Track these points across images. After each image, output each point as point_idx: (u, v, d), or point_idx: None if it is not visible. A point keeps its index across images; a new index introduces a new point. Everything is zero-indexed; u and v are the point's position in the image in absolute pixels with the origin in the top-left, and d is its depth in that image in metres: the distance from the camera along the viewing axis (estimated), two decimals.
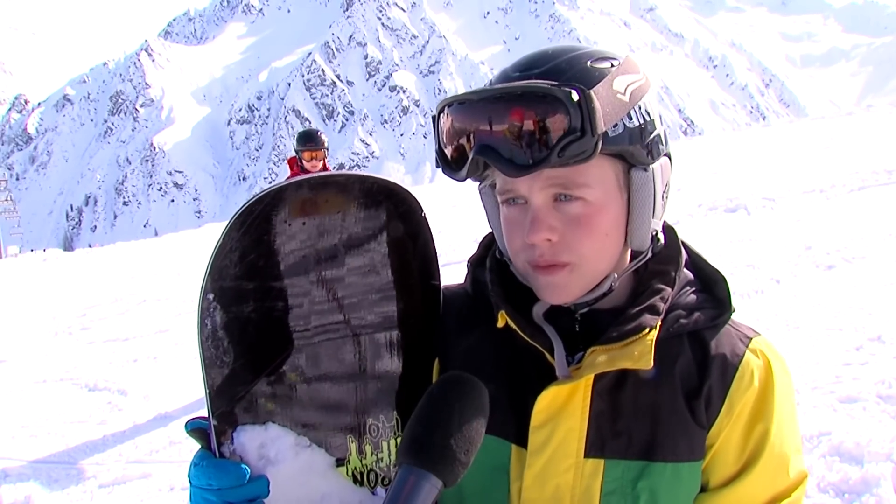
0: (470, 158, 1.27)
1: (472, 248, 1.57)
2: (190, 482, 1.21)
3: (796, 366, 5.79)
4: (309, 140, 8.66)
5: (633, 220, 1.34)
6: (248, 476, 1.17)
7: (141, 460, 6.34)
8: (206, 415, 1.24)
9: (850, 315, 6.84)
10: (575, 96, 1.19)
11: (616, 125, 1.24)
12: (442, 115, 1.32)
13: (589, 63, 1.27)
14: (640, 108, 1.29)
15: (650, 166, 1.32)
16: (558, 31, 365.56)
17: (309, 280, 1.25)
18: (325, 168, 8.69)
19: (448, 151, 1.32)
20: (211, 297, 1.17)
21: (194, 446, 4.76)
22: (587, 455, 1.34)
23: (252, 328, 1.22)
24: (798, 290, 7.88)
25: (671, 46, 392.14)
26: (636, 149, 1.29)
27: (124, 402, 7.84)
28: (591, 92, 1.20)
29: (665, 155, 1.36)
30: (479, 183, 1.41)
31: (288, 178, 5.77)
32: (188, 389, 7.82)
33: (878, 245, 8.95)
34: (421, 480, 1.03)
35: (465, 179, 1.32)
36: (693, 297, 1.44)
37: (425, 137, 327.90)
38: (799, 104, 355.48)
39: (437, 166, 1.35)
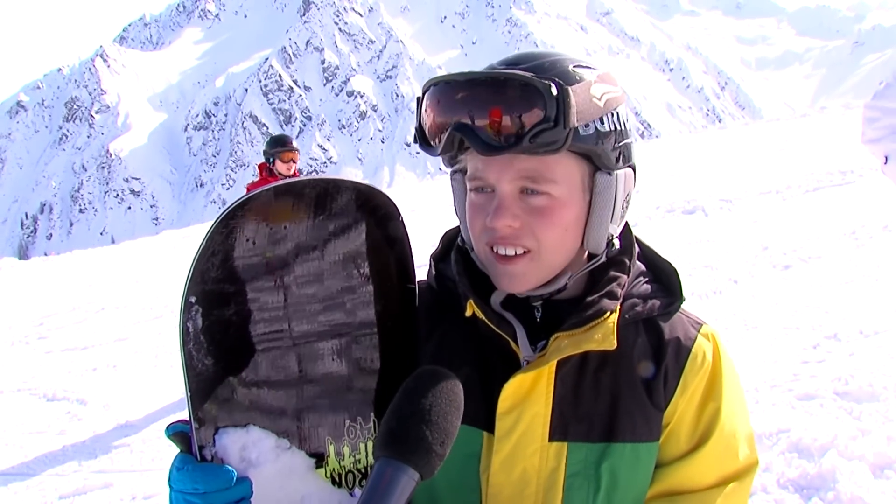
0: (446, 134, 1.33)
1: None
2: (171, 487, 1.20)
3: (755, 365, 5.87)
4: (286, 142, 8.80)
5: (592, 220, 1.41)
6: (234, 479, 1.17)
7: (102, 470, 6.29)
8: (186, 418, 1.23)
9: (807, 314, 6.95)
10: (553, 90, 1.26)
11: (588, 125, 1.32)
12: (427, 94, 1.37)
13: (571, 67, 1.34)
14: (612, 116, 1.36)
15: (615, 172, 1.39)
16: (515, 35, 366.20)
17: (287, 283, 1.26)
18: (295, 172, 8.75)
19: (427, 128, 1.38)
20: (193, 299, 1.17)
21: (155, 454, 4.78)
22: (551, 439, 1.41)
23: (233, 331, 1.22)
24: (755, 290, 7.99)
25: (627, 50, 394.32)
26: (604, 152, 1.36)
27: (84, 412, 7.77)
28: (569, 88, 1.28)
29: (630, 166, 1.44)
30: (450, 169, 1.48)
31: (257, 182, 5.82)
32: (148, 398, 7.76)
33: (833, 245, 9.10)
34: (398, 473, 1.05)
35: (439, 155, 1.39)
36: (647, 286, 1.52)
37: (383, 142, 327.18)
38: (754, 106, 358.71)
39: (415, 142, 1.41)
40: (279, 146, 8.71)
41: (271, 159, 8.65)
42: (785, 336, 6.53)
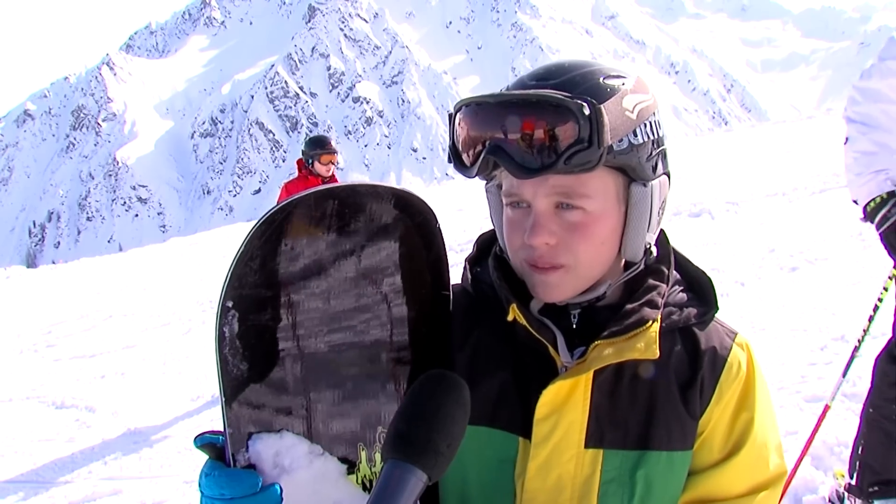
0: (481, 158, 1.33)
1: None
2: (201, 493, 1.20)
3: (762, 367, 5.85)
4: (324, 144, 8.70)
5: (629, 231, 1.42)
6: (260, 484, 1.17)
7: (111, 477, 6.30)
8: (207, 427, 1.23)
9: (814, 316, 6.94)
10: (586, 109, 1.25)
11: (621, 140, 1.31)
12: (459, 114, 1.38)
13: (602, 79, 1.33)
14: (645, 127, 1.35)
15: (649, 182, 1.39)
16: (520, 39, 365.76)
17: (324, 289, 1.26)
18: (334, 174, 8.73)
19: (461, 149, 1.38)
20: (230, 304, 1.17)
21: (164, 461, 4.81)
22: (587, 446, 1.41)
23: (268, 336, 1.22)
24: (763, 292, 7.98)
25: (633, 53, 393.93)
26: (638, 164, 1.35)
27: (92, 419, 7.78)
28: (602, 106, 1.27)
29: (665, 173, 1.44)
30: (486, 182, 1.49)
31: (295, 181, 5.87)
32: (157, 405, 7.78)
33: (840, 246, 9.08)
34: (406, 474, 1.06)
35: (474, 177, 1.39)
36: (682, 295, 1.53)
37: (389, 148, 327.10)
38: (760, 109, 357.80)
39: (449, 161, 1.42)
40: (318, 148, 8.58)
41: (310, 160, 8.53)
42: (792, 338, 6.52)
